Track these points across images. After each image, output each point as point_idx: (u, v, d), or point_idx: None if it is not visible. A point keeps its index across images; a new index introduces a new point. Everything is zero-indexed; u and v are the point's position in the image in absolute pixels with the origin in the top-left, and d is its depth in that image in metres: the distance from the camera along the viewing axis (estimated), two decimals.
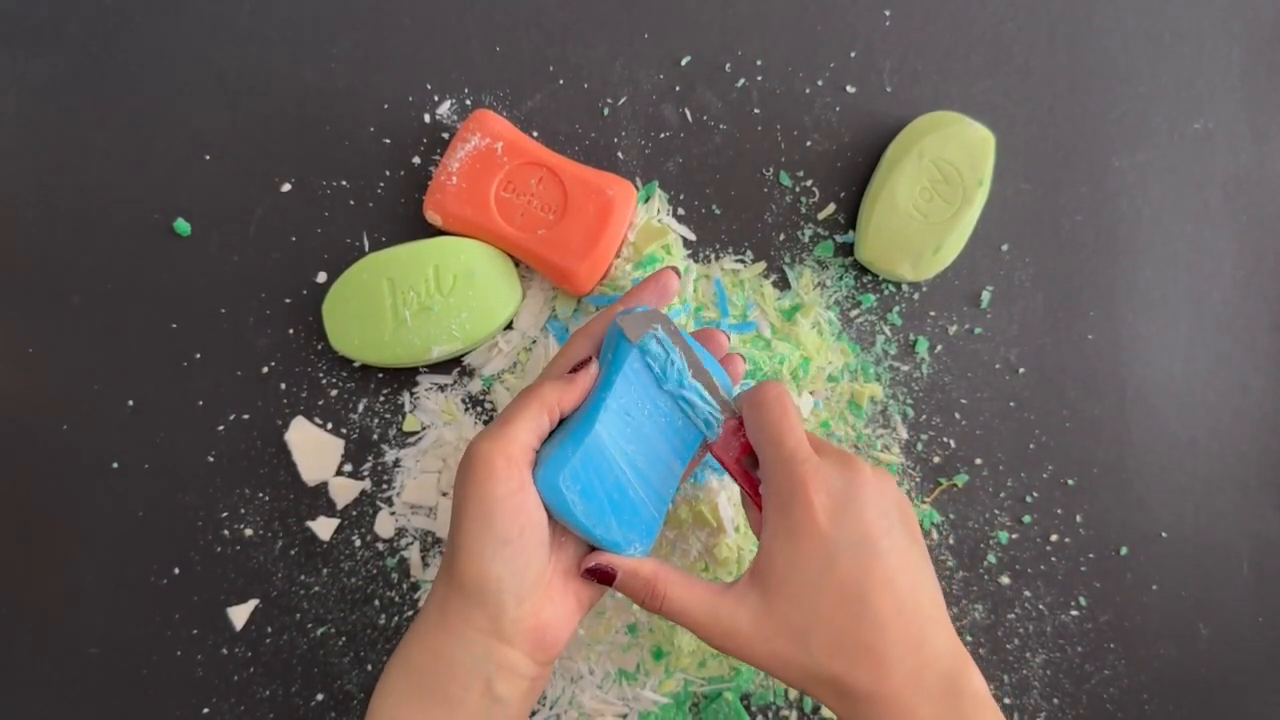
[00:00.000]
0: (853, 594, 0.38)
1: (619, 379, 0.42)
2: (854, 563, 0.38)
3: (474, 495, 0.39)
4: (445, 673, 0.39)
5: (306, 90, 0.58)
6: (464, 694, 0.39)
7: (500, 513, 0.38)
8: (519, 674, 0.40)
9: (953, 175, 0.55)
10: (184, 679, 0.55)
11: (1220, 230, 0.59)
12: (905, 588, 0.38)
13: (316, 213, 0.58)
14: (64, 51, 0.58)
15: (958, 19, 0.59)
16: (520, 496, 0.39)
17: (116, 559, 0.56)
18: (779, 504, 0.40)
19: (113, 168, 0.58)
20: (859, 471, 0.40)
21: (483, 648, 0.39)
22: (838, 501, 0.39)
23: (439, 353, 0.54)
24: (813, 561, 0.38)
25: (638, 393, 0.42)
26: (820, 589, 0.38)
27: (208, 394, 0.57)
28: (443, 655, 0.39)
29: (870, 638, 0.38)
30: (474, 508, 0.39)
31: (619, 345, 0.43)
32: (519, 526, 0.39)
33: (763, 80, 0.59)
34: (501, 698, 0.39)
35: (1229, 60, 0.60)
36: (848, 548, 0.38)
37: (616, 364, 0.42)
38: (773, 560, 0.39)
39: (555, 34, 0.59)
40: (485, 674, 0.39)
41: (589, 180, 0.55)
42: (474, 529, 0.39)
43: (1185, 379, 0.58)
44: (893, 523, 0.39)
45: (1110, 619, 0.57)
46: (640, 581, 0.41)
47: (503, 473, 0.38)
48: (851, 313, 0.58)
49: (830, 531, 0.38)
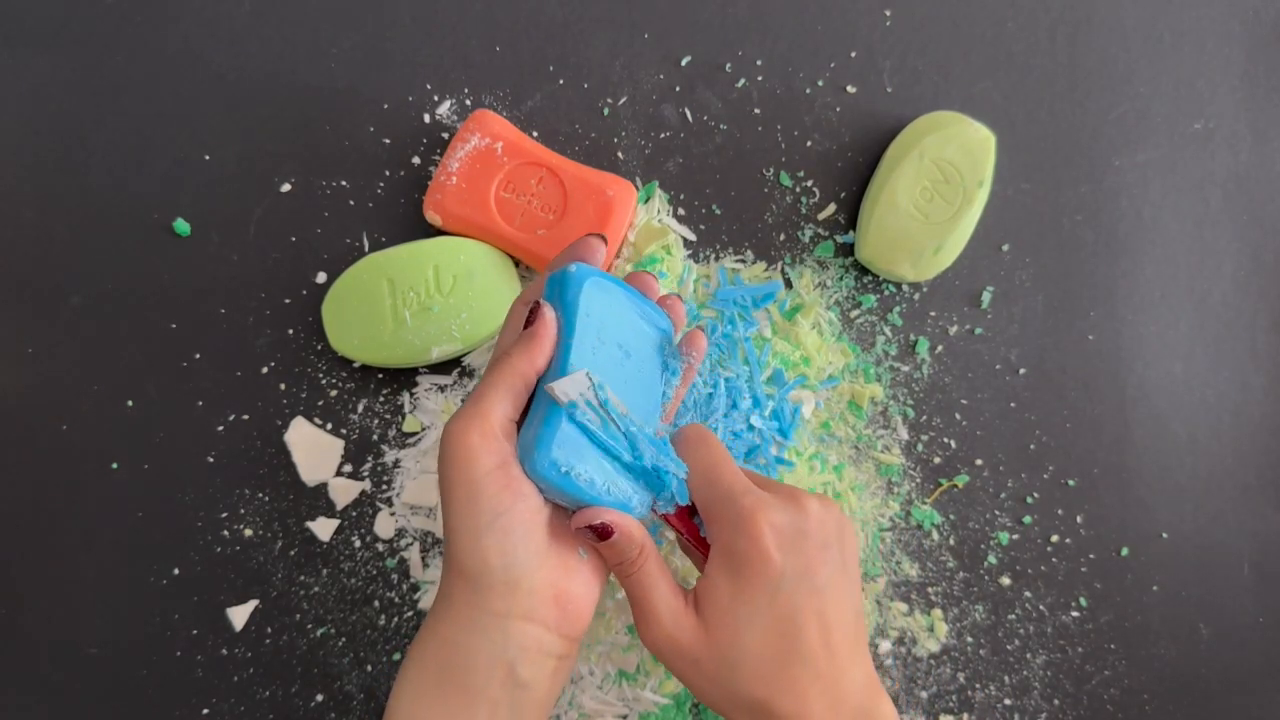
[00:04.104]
0: (787, 627, 0.38)
1: (577, 326, 0.40)
2: (793, 596, 0.38)
3: (456, 478, 0.37)
4: (462, 664, 0.38)
5: (306, 90, 0.58)
6: (485, 683, 0.38)
7: (485, 489, 0.37)
8: (544, 652, 0.38)
9: (953, 175, 0.55)
10: (184, 679, 0.55)
11: (1220, 230, 0.59)
12: (834, 622, 0.39)
13: (316, 213, 0.58)
14: (64, 51, 0.58)
15: (958, 19, 0.59)
16: (503, 470, 0.38)
17: (116, 559, 0.56)
18: (724, 540, 0.39)
19: (113, 168, 0.58)
20: (803, 503, 0.40)
21: (500, 631, 0.38)
22: (784, 533, 0.39)
23: (439, 353, 0.54)
24: (759, 593, 0.38)
25: (595, 335, 0.40)
26: (758, 620, 0.38)
27: (207, 394, 0.57)
28: (457, 645, 0.38)
29: (796, 670, 0.38)
30: (459, 489, 0.37)
31: (564, 292, 0.40)
32: (509, 498, 0.37)
33: (763, 80, 0.59)
34: (526, 682, 0.38)
35: (1229, 60, 0.60)
36: (790, 580, 0.38)
37: (567, 312, 0.40)
38: (717, 593, 0.39)
39: (555, 34, 0.59)
40: (506, 659, 0.38)
41: (589, 180, 0.55)
42: (462, 511, 0.37)
43: (1185, 379, 0.58)
44: (832, 554, 0.40)
45: (1111, 619, 0.57)
46: (633, 546, 0.39)
47: (480, 450, 0.37)
48: (852, 313, 0.58)
49: (778, 561, 0.38)
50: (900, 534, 0.57)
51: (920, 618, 0.57)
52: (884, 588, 0.57)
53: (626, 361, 0.42)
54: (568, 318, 0.40)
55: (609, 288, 0.42)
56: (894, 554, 0.57)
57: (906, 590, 0.57)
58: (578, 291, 0.40)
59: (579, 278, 0.40)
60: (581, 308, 0.40)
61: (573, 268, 0.41)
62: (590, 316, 0.40)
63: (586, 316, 0.40)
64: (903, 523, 0.57)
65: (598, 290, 0.41)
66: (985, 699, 0.56)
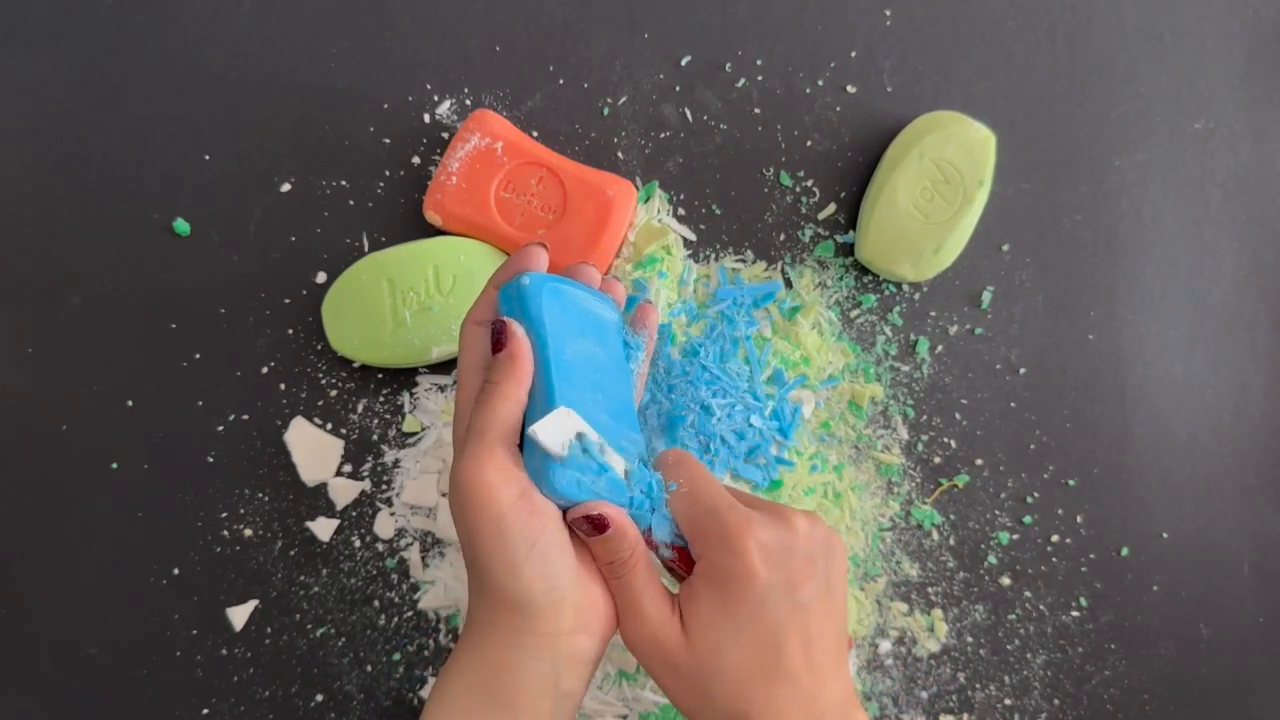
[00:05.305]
0: (769, 643, 0.38)
1: (548, 338, 0.39)
2: (777, 612, 0.38)
3: (481, 517, 0.37)
4: (511, 684, 0.38)
5: (306, 90, 0.58)
6: (533, 699, 0.38)
7: (513, 523, 0.37)
8: (585, 660, 0.39)
9: (953, 175, 0.55)
10: (184, 679, 0.55)
11: (1220, 230, 0.59)
12: (816, 638, 0.39)
13: (316, 213, 0.58)
14: (64, 51, 0.58)
15: (958, 19, 0.59)
16: (525, 499, 0.38)
17: (116, 559, 0.56)
18: (709, 555, 0.39)
19: (113, 168, 0.58)
20: (790, 520, 0.40)
21: (550, 650, 0.38)
22: (770, 549, 0.39)
23: (439, 353, 0.54)
24: (743, 608, 0.38)
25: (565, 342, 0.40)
26: (742, 634, 0.38)
27: (207, 394, 0.57)
28: (507, 667, 0.38)
29: (776, 685, 0.38)
30: (485, 528, 0.37)
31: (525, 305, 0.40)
32: (538, 525, 0.38)
33: (763, 80, 0.59)
34: (569, 692, 0.39)
35: (1229, 60, 0.60)
36: (775, 595, 0.38)
37: (534, 324, 0.40)
38: (701, 605, 0.39)
39: (555, 34, 0.59)
40: (553, 675, 0.38)
41: (589, 180, 0.55)
42: (493, 547, 0.37)
43: (1185, 379, 0.58)
44: (818, 570, 0.40)
45: (1111, 619, 0.57)
46: (625, 544, 0.39)
47: (499, 486, 0.37)
48: (852, 313, 0.58)
49: (764, 577, 0.38)
50: (900, 534, 0.57)
51: (920, 618, 0.57)
52: (884, 588, 0.57)
53: (599, 355, 0.42)
54: (536, 330, 0.40)
55: (562, 290, 0.41)
56: (894, 554, 0.57)
57: (906, 590, 0.57)
58: (539, 302, 0.40)
59: (535, 288, 0.40)
60: (546, 317, 0.40)
61: (525, 279, 0.40)
62: (555, 323, 0.40)
63: (553, 324, 0.40)
64: (903, 523, 0.57)
65: (554, 295, 0.41)
66: (985, 699, 0.56)
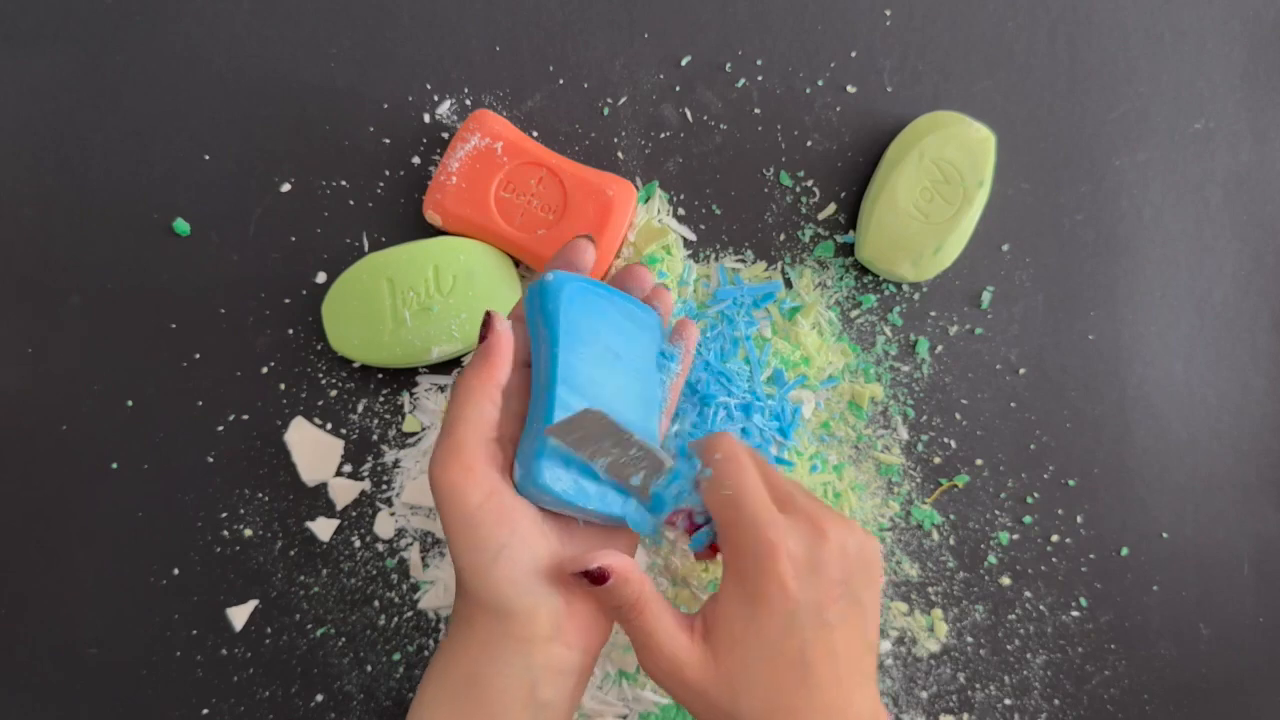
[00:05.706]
0: (796, 660, 0.38)
1: (560, 336, 0.39)
2: (805, 629, 0.38)
3: (450, 517, 0.37)
4: (484, 687, 0.38)
5: (306, 90, 0.58)
6: (507, 706, 0.38)
7: (480, 524, 0.37)
8: (565, 671, 0.39)
9: (953, 175, 0.55)
10: (184, 679, 0.55)
11: (1220, 230, 0.59)
12: (844, 656, 0.38)
13: (316, 213, 0.58)
14: (64, 51, 0.58)
15: (958, 19, 0.59)
16: (495, 500, 0.37)
17: (116, 559, 0.56)
18: (740, 567, 0.39)
19: (113, 168, 0.58)
20: (824, 532, 0.39)
21: (522, 656, 0.38)
22: (802, 567, 0.38)
23: (439, 353, 0.54)
24: (772, 627, 0.38)
25: (581, 343, 0.40)
26: (769, 651, 0.38)
27: (207, 394, 0.57)
28: (480, 670, 0.38)
29: (801, 702, 0.38)
30: (456, 528, 0.37)
31: (544, 302, 0.40)
32: (507, 529, 0.37)
33: (763, 80, 0.59)
34: (547, 702, 0.38)
35: (1229, 60, 0.60)
36: (805, 614, 0.38)
37: (549, 322, 0.40)
38: (729, 622, 0.38)
39: (555, 34, 0.59)
40: (528, 682, 0.38)
41: (589, 180, 0.55)
42: (464, 548, 0.37)
43: (1185, 379, 0.58)
44: (849, 586, 0.39)
45: (1111, 619, 0.57)
46: (629, 590, 0.38)
47: (464, 486, 0.37)
48: (852, 313, 0.58)
49: (797, 596, 0.38)
50: (900, 534, 0.57)
51: (920, 618, 0.57)
52: (884, 588, 0.57)
53: (617, 364, 0.41)
54: (550, 328, 0.40)
55: (589, 292, 0.41)
56: (894, 554, 0.57)
57: (906, 590, 0.57)
58: (557, 300, 0.40)
59: (556, 287, 0.40)
60: (563, 316, 0.39)
61: (550, 277, 0.40)
62: (573, 324, 0.40)
63: (569, 324, 0.40)
64: (903, 523, 0.57)
65: (578, 296, 0.40)
66: (985, 699, 0.56)
